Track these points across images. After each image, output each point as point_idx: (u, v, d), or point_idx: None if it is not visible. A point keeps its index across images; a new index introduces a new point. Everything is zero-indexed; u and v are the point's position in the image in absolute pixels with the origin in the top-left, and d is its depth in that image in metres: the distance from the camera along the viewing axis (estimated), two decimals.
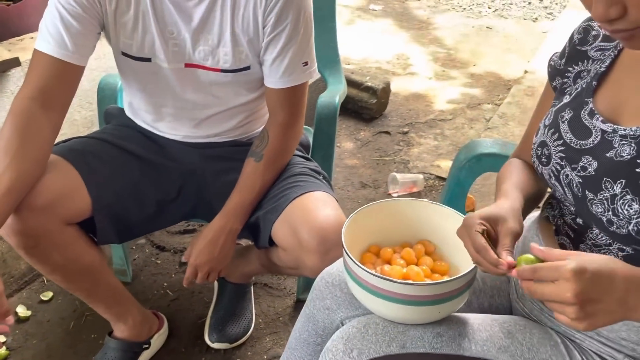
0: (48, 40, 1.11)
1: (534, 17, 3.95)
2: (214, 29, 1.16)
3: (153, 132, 1.34)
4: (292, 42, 1.17)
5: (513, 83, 3.00)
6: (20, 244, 1.12)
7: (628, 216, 0.73)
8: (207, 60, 1.19)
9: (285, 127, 1.25)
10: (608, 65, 0.83)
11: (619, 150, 0.76)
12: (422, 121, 2.66)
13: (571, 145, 0.82)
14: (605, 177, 0.76)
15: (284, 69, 1.19)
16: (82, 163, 1.19)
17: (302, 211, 1.17)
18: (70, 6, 1.11)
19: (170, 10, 1.15)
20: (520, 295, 0.96)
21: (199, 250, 1.26)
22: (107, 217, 1.22)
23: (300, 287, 1.64)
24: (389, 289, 0.82)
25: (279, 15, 1.14)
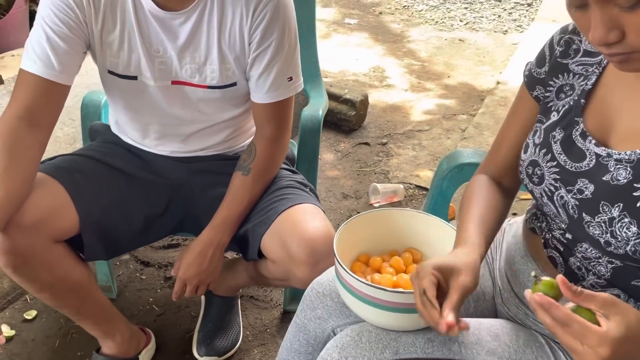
0: (34, 60, 1.11)
1: (504, 29, 4.06)
2: (201, 46, 1.18)
3: (139, 148, 1.35)
4: (277, 57, 1.20)
5: (486, 94, 3.08)
6: (8, 263, 1.12)
7: (626, 238, 0.74)
8: (194, 77, 1.21)
9: (273, 141, 1.27)
10: (594, 82, 0.83)
11: (615, 174, 0.77)
12: (400, 132, 2.72)
13: (566, 167, 0.82)
14: (603, 201, 0.77)
15: (270, 84, 1.22)
16: (69, 180, 1.19)
17: (291, 223, 1.19)
18: (56, 26, 1.12)
19: (155, 29, 1.17)
20: (505, 300, 0.99)
21: (188, 263, 1.27)
22: (95, 234, 1.22)
23: (286, 298, 1.66)
24: (382, 297, 0.84)
25: (264, 32, 1.17)
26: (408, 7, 4.44)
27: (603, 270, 0.81)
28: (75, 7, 1.12)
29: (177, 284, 1.29)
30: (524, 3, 4.50)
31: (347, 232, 0.96)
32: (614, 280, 0.80)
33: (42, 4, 1.14)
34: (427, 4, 4.50)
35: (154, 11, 1.15)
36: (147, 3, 1.15)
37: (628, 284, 0.79)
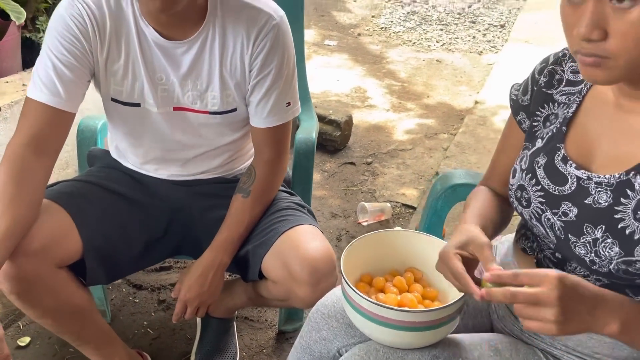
0: (41, 88, 1.13)
1: (479, 50, 4.19)
2: (203, 73, 1.22)
3: (139, 172, 1.37)
4: (276, 84, 1.24)
5: (465, 113, 3.18)
6: (12, 290, 1.12)
7: (609, 257, 0.79)
8: (196, 103, 1.24)
9: (271, 164, 1.31)
10: (574, 110, 0.88)
11: (596, 197, 0.81)
12: (384, 151, 2.78)
13: (550, 191, 0.87)
14: (586, 223, 0.81)
15: (269, 109, 1.25)
16: (73, 206, 1.21)
17: (292, 244, 1.22)
18: (63, 56, 1.14)
19: (159, 57, 1.20)
20: (501, 317, 1.03)
21: (189, 285, 1.29)
22: (97, 259, 1.23)
23: (281, 318, 1.68)
24: (389, 316, 0.88)
25: (264, 60, 1.21)
26: (386, 28, 4.55)
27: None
28: (81, 37, 1.15)
29: (178, 305, 1.31)
30: (497, 24, 4.65)
31: (350, 254, 1.00)
32: None
33: (49, 34, 1.16)
34: (404, 25, 4.61)
35: (158, 41, 1.18)
36: (150, 33, 1.18)
37: None
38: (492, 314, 1.06)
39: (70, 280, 1.22)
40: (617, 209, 0.78)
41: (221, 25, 1.19)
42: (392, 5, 5.01)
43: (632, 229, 0.77)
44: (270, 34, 1.19)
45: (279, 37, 1.21)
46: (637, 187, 0.78)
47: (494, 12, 4.93)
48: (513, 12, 4.88)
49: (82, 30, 1.15)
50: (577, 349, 0.91)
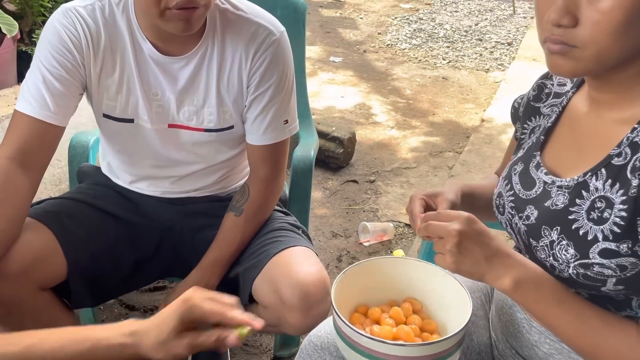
0: (29, 101, 1.10)
1: (485, 68, 4.15)
2: (200, 90, 1.18)
3: (129, 190, 1.32)
4: (274, 101, 1.20)
5: (471, 131, 3.13)
6: None
7: (566, 260, 0.77)
8: (192, 120, 1.20)
9: (266, 183, 1.26)
10: (554, 120, 0.89)
11: (555, 199, 0.81)
12: (388, 169, 2.73)
13: (519, 195, 0.87)
14: (544, 225, 0.81)
15: (266, 126, 1.21)
16: (58, 225, 1.16)
17: (283, 267, 1.17)
18: (53, 68, 1.10)
19: (155, 72, 1.16)
20: (501, 352, 0.98)
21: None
22: (83, 280, 1.18)
23: (277, 344, 1.61)
24: (383, 350, 0.82)
25: (262, 76, 1.18)
26: (392, 45, 4.53)
27: None
28: (73, 50, 1.11)
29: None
30: (504, 42, 4.62)
31: (343, 282, 0.94)
32: None
33: (40, 46, 1.13)
34: (410, 42, 4.59)
35: (155, 56, 1.15)
36: (147, 48, 1.14)
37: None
38: (494, 350, 1.00)
39: (54, 302, 1.17)
40: (572, 209, 0.78)
41: (220, 40, 1.16)
42: (398, 23, 5.00)
43: (586, 229, 0.76)
44: (270, 50, 1.16)
45: (278, 52, 1.17)
46: (592, 188, 0.77)
47: (501, 30, 4.91)
48: (520, 30, 4.85)
49: (75, 42, 1.11)
50: None
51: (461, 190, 0.97)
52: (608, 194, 0.75)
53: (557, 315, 0.76)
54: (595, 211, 0.75)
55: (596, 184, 0.77)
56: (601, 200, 0.75)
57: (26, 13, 1.79)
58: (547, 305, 0.77)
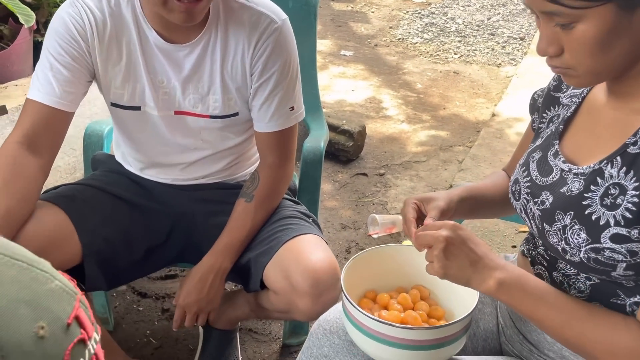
0: (38, 88, 1.13)
1: (497, 62, 4.13)
2: (204, 77, 1.20)
3: (142, 177, 1.35)
4: (278, 88, 1.22)
5: (482, 126, 3.12)
6: None
7: (578, 244, 0.79)
8: (197, 107, 1.22)
9: (275, 169, 1.29)
10: (573, 110, 0.91)
11: (570, 186, 0.83)
12: (398, 163, 2.73)
13: (535, 181, 0.89)
14: (558, 210, 0.83)
15: (272, 114, 1.24)
16: (73, 209, 1.19)
17: (295, 254, 1.19)
18: (60, 56, 1.14)
19: (160, 60, 1.18)
20: (509, 337, 0.99)
21: (188, 290, 1.26)
22: (97, 264, 1.21)
23: (286, 332, 1.64)
24: (390, 333, 0.84)
25: (265, 64, 1.19)
26: (403, 39, 4.52)
27: (582, 287, 0.84)
28: (79, 38, 1.14)
29: (177, 312, 1.28)
30: (517, 37, 4.59)
31: (353, 268, 0.96)
32: (593, 297, 0.83)
33: (48, 35, 1.16)
34: (421, 37, 4.58)
35: (159, 44, 1.17)
36: (152, 36, 1.17)
37: (608, 301, 0.82)
38: (501, 336, 1.02)
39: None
40: (586, 195, 0.80)
41: (223, 29, 1.18)
42: (410, 17, 4.98)
43: (598, 215, 0.78)
44: (272, 38, 1.18)
45: (280, 40, 1.19)
46: (607, 175, 0.79)
47: (514, 24, 4.87)
48: (533, 25, 4.82)
49: (80, 31, 1.14)
50: None
51: (459, 196, 0.99)
52: (622, 181, 0.76)
53: (542, 310, 0.79)
54: (609, 197, 0.77)
55: (611, 171, 0.78)
56: (615, 187, 0.77)
57: (42, 4, 1.82)
58: (531, 302, 0.79)
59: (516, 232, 2.17)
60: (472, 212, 1.05)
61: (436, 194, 0.99)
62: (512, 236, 2.16)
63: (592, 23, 0.71)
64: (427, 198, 0.97)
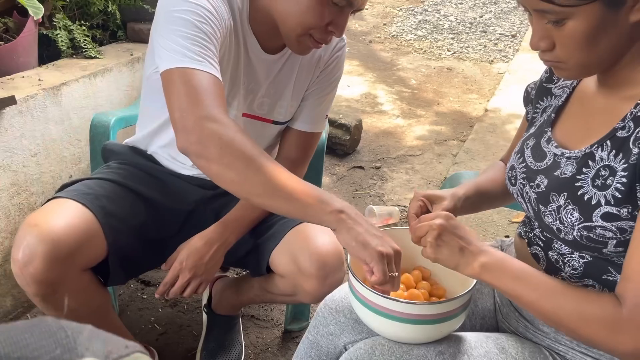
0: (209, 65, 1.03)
1: (490, 59, 4.20)
2: (282, 83, 1.27)
3: (157, 168, 1.34)
4: (327, 97, 1.34)
5: (475, 120, 3.18)
6: (38, 292, 1.10)
7: (571, 223, 0.84)
8: (264, 110, 1.29)
9: (296, 165, 1.35)
10: (564, 99, 0.97)
11: (563, 169, 0.89)
12: (393, 156, 2.79)
13: (530, 166, 0.95)
14: (552, 192, 0.88)
15: (313, 116, 1.34)
16: (99, 208, 1.18)
17: (302, 238, 1.23)
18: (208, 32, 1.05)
19: (253, 64, 1.22)
20: (505, 315, 1.04)
21: (186, 255, 1.23)
22: (119, 261, 1.21)
23: (287, 317, 1.68)
24: (395, 308, 0.88)
25: (327, 73, 1.31)
26: (397, 36, 4.57)
27: (576, 265, 0.89)
28: (221, 19, 1.08)
29: (170, 274, 1.23)
30: (509, 34, 4.66)
31: None
32: (586, 274, 0.88)
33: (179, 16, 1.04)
34: (415, 33, 4.63)
35: (256, 50, 1.21)
36: (251, 41, 1.19)
37: (600, 278, 0.87)
38: (498, 314, 1.07)
39: (92, 281, 1.20)
40: (579, 177, 0.85)
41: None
42: (404, 14, 5.04)
43: (590, 195, 0.83)
44: (339, 53, 1.30)
45: (343, 57, 1.32)
46: (597, 158, 0.84)
47: (506, 22, 4.94)
48: (524, 22, 4.89)
49: (222, 15, 1.08)
50: (581, 344, 0.91)
51: (465, 195, 1.04)
52: (612, 163, 0.82)
53: (520, 288, 0.84)
54: (600, 178, 0.83)
55: (601, 154, 0.84)
56: (605, 169, 0.82)
57: None
58: (510, 281, 0.85)
59: (509, 223, 2.23)
60: (475, 208, 1.10)
61: (443, 192, 1.04)
62: (505, 226, 2.22)
63: (581, 20, 0.77)
64: (435, 197, 1.02)
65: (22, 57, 1.69)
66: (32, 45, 1.74)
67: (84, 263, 1.15)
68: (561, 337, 0.93)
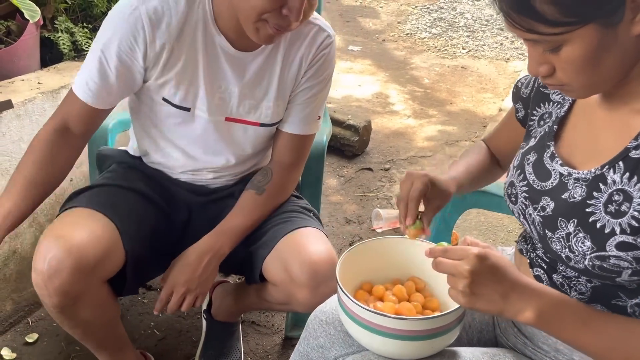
0: (84, 87, 1.15)
1: (506, 57, 4.11)
2: (263, 83, 1.22)
3: (160, 172, 1.33)
4: (317, 97, 1.28)
5: (488, 120, 3.11)
6: (58, 304, 1.09)
7: (582, 252, 0.78)
8: (250, 113, 1.24)
9: (289, 169, 1.31)
10: (567, 109, 0.90)
11: (572, 192, 0.82)
12: (403, 158, 2.74)
13: (533, 186, 0.88)
14: (560, 217, 0.82)
15: (304, 117, 1.28)
16: (118, 218, 1.16)
17: (294, 246, 1.19)
18: (114, 54, 1.11)
19: (224, 65, 1.18)
20: (503, 330, 0.99)
21: (179, 270, 1.21)
22: (135, 269, 1.18)
23: (288, 324, 1.65)
24: (383, 324, 0.84)
25: (315, 72, 1.25)
26: (411, 34, 4.51)
27: (583, 289, 0.84)
28: (139, 38, 1.10)
29: (164, 290, 1.21)
30: None
31: (349, 259, 0.97)
32: (594, 299, 0.83)
33: (105, 29, 1.12)
34: (429, 31, 4.56)
35: (227, 49, 1.17)
36: (220, 41, 1.16)
37: (609, 303, 0.81)
38: (496, 329, 1.02)
39: (110, 294, 1.19)
40: (589, 202, 0.79)
41: (285, 40, 1.21)
42: (418, 12, 4.97)
43: (603, 222, 0.76)
44: (326, 50, 1.24)
45: (331, 54, 1.26)
46: (609, 181, 0.78)
47: None
48: None
49: (142, 32, 1.09)
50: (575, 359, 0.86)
51: (459, 183, 1.04)
52: (626, 187, 0.75)
53: (584, 337, 0.77)
54: (613, 204, 0.76)
55: (614, 177, 0.77)
56: (619, 194, 0.76)
57: (49, 0, 1.84)
58: (572, 331, 0.77)
59: (520, 227, 2.17)
60: (463, 192, 1.10)
61: (446, 186, 1.01)
62: (516, 230, 2.16)
63: (577, 44, 0.71)
64: (437, 186, 0.99)
65: (23, 60, 1.69)
66: (34, 48, 1.73)
67: (105, 274, 1.14)
68: (561, 355, 0.88)
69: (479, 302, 0.77)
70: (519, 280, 0.77)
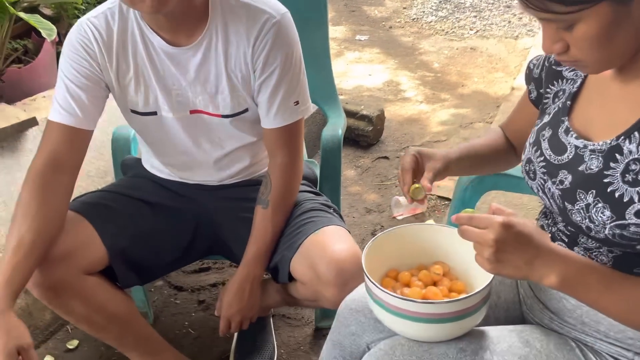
0: (58, 110, 1.20)
1: (514, 35, 4.08)
2: (210, 77, 1.22)
3: (167, 180, 1.40)
4: (282, 83, 1.23)
5: (501, 100, 3.10)
6: (42, 296, 1.19)
7: (602, 222, 0.80)
8: (208, 107, 1.26)
9: (285, 168, 1.30)
10: (579, 85, 0.92)
11: (588, 164, 0.84)
12: (418, 144, 2.75)
13: (550, 160, 0.90)
14: (579, 189, 0.84)
15: (276, 109, 1.25)
16: (95, 215, 1.26)
17: (319, 246, 1.23)
18: (74, 77, 1.20)
19: (167, 64, 1.22)
20: (529, 307, 1.01)
21: (228, 302, 1.33)
22: (125, 263, 1.27)
23: (318, 315, 1.69)
24: (412, 309, 0.87)
25: (266, 59, 1.20)
26: (417, 19, 4.49)
27: (605, 259, 0.86)
28: (88, 57, 1.20)
29: (222, 322, 1.34)
30: None
31: (375, 249, 1.00)
32: (616, 268, 0.84)
33: (61, 60, 1.23)
34: (436, 15, 4.54)
35: (164, 47, 1.20)
36: (157, 41, 1.20)
37: (630, 272, 0.83)
38: (522, 306, 1.04)
39: (102, 286, 1.26)
40: (607, 173, 0.81)
41: (223, 28, 1.19)
42: None
43: (621, 192, 0.79)
44: (270, 33, 1.18)
45: (280, 35, 1.19)
46: (626, 151, 0.80)
47: None
48: None
49: (90, 52, 1.20)
50: (609, 334, 0.88)
51: (458, 157, 1.05)
52: None
53: (607, 300, 0.79)
54: (630, 173, 0.78)
55: (630, 147, 0.79)
56: (635, 163, 0.78)
57: (62, 16, 1.89)
58: (596, 294, 0.79)
59: (540, 205, 2.17)
60: (470, 170, 1.12)
61: (436, 152, 1.04)
62: (536, 208, 2.17)
63: (591, 21, 0.73)
64: (427, 155, 1.03)
65: (42, 77, 1.74)
66: (51, 65, 1.78)
67: (83, 266, 1.21)
68: (588, 328, 0.91)
69: (504, 269, 0.79)
70: (543, 246, 0.79)
